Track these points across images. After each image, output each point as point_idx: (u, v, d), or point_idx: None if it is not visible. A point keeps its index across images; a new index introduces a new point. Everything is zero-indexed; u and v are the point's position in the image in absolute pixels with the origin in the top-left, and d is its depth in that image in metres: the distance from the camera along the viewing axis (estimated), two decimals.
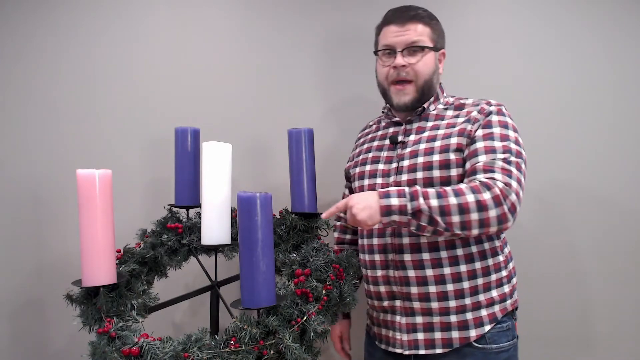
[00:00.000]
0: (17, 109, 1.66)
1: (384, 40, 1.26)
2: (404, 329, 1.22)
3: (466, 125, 1.19)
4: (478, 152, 1.15)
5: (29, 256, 1.65)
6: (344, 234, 1.51)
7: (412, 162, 1.21)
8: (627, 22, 1.62)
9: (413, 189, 1.09)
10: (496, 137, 1.16)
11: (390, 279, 1.22)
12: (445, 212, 1.07)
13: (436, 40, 1.26)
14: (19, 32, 1.66)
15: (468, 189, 1.08)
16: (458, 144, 1.18)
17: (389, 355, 1.27)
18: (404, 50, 1.23)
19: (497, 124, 1.18)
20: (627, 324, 1.62)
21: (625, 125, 1.62)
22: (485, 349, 1.19)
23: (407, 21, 1.23)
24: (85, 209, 1.09)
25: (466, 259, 1.19)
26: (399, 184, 1.22)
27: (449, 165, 1.18)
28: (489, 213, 1.06)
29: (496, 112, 1.20)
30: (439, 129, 1.23)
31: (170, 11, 1.70)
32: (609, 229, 1.62)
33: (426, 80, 1.25)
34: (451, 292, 1.18)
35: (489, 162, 1.12)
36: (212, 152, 1.22)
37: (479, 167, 1.12)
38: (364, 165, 1.32)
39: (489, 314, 1.20)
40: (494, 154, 1.13)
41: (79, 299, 1.17)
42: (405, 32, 1.23)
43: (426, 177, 1.19)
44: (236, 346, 1.00)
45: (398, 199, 1.08)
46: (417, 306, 1.20)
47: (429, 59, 1.25)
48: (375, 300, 1.28)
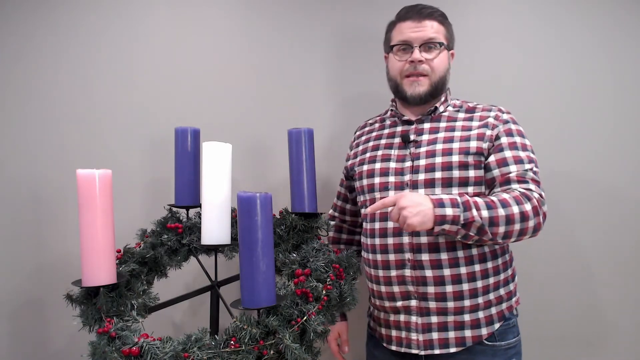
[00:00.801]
0: (17, 109, 1.66)
1: (400, 35, 1.28)
2: (420, 329, 1.22)
3: (484, 130, 1.23)
4: (507, 161, 1.19)
5: (29, 256, 1.65)
6: (340, 233, 1.51)
7: (430, 162, 1.22)
8: (627, 22, 1.62)
9: (464, 199, 1.12)
10: (520, 147, 1.21)
11: (406, 279, 1.22)
12: (494, 222, 1.11)
13: (449, 39, 1.30)
14: (19, 32, 1.66)
15: (512, 199, 1.12)
16: (478, 148, 1.21)
17: (397, 356, 1.27)
18: (421, 46, 1.25)
19: (515, 132, 1.23)
20: (628, 324, 1.62)
21: (626, 125, 1.62)
22: (495, 346, 1.21)
23: (424, 18, 1.26)
24: (85, 209, 1.09)
25: (480, 258, 1.20)
26: (415, 183, 1.23)
27: (468, 166, 1.20)
28: (528, 223, 1.13)
29: (512, 121, 1.25)
30: (454, 130, 1.25)
31: (170, 11, 1.70)
32: (609, 228, 1.62)
33: (441, 77, 1.28)
34: (466, 291, 1.19)
35: (521, 173, 1.18)
36: (212, 152, 1.22)
37: (513, 177, 1.17)
38: (372, 163, 1.31)
39: (497, 312, 1.22)
40: (522, 164, 1.19)
41: (79, 299, 1.17)
42: (422, 28, 1.25)
43: (445, 177, 1.21)
44: (236, 346, 1.00)
45: (452, 209, 1.10)
46: (433, 306, 1.21)
47: (444, 57, 1.28)
48: (387, 301, 1.27)
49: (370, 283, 1.31)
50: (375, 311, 1.34)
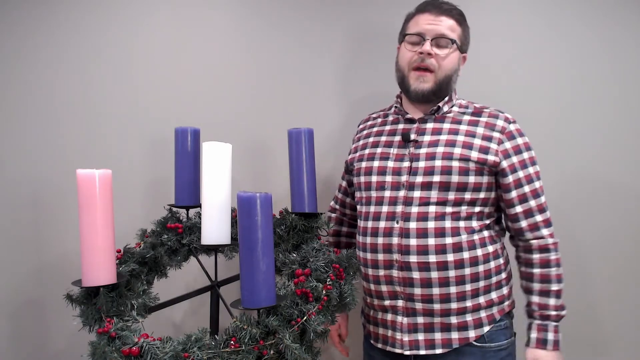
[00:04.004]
0: (17, 109, 1.66)
1: (415, 27, 1.27)
2: (405, 329, 1.22)
3: (489, 143, 1.22)
4: (522, 182, 1.23)
5: (29, 256, 1.65)
6: (341, 225, 1.51)
7: (429, 165, 1.21)
8: (627, 22, 1.62)
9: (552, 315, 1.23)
10: (533, 177, 1.25)
11: (393, 279, 1.22)
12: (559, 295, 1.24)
13: (463, 42, 1.29)
14: (19, 32, 1.66)
15: (554, 263, 1.25)
16: (479, 159, 1.21)
17: (387, 355, 1.27)
18: (433, 40, 1.24)
19: (524, 147, 1.25)
20: (628, 324, 1.62)
21: (626, 124, 1.62)
22: (484, 347, 1.20)
23: (441, 13, 1.25)
24: (85, 209, 1.09)
25: (471, 261, 1.19)
26: (412, 185, 1.22)
27: (468, 172, 1.20)
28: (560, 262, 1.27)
29: (519, 134, 1.26)
30: (458, 134, 1.24)
31: (170, 11, 1.70)
32: (609, 228, 1.62)
33: (447, 75, 1.26)
34: (454, 294, 1.19)
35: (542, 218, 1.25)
36: (212, 152, 1.22)
37: (540, 222, 1.24)
38: (371, 160, 1.31)
39: (487, 316, 1.21)
40: (539, 198, 1.24)
41: (79, 299, 1.17)
42: (438, 22, 1.24)
43: (443, 182, 1.20)
44: (236, 346, 1.00)
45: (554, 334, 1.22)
46: (420, 307, 1.20)
47: (454, 57, 1.26)
48: (376, 299, 1.28)
49: (362, 280, 1.31)
50: (366, 308, 1.35)
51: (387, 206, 1.24)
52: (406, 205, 1.22)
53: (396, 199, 1.24)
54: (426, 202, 1.20)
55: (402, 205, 1.22)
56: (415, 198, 1.21)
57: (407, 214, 1.21)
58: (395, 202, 1.24)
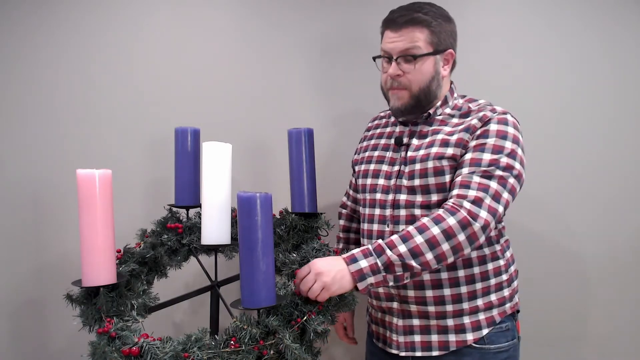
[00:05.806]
0: (17, 109, 1.66)
1: (383, 45, 1.24)
2: (401, 331, 1.22)
3: (464, 135, 1.16)
4: (464, 164, 1.13)
5: (29, 256, 1.65)
6: (351, 222, 1.50)
7: (411, 169, 1.21)
8: (628, 22, 1.62)
9: (376, 244, 1.06)
10: (487, 149, 1.12)
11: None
12: (416, 253, 1.04)
13: (437, 43, 1.19)
14: (19, 32, 1.66)
15: (430, 221, 1.06)
16: (453, 155, 1.16)
17: (387, 355, 1.27)
18: (398, 58, 1.19)
19: (494, 133, 1.14)
20: (628, 324, 1.62)
21: (626, 125, 1.62)
22: (483, 349, 1.19)
23: (401, 27, 1.18)
24: (85, 209, 1.09)
25: (464, 264, 1.18)
26: (399, 188, 1.22)
27: (443, 171, 1.16)
28: (458, 238, 1.05)
29: (497, 121, 1.15)
30: (439, 134, 1.20)
31: (170, 11, 1.70)
32: (609, 229, 1.62)
33: (421, 88, 1.20)
34: (448, 296, 1.18)
35: (467, 177, 1.10)
36: (212, 152, 1.22)
37: (457, 181, 1.11)
38: (368, 163, 1.32)
39: (486, 318, 1.20)
40: (477, 167, 1.10)
41: (79, 299, 1.17)
42: (399, 39, 1.18)
43: (422, 185, 1.19)
44: (236, 346, 1.00)
45: (365, 259, 1.05)
46: (414, 309, 1.20)
47: (427, 66, 1.19)
48: (374, 300, 1.30)
49: None
50: (369, 307, 1.37)
51: (379, 209, 1.26)
52: (395, 209, 1.23)
53: (386, 202, 1.25)
54: (412, 204, 1.20)
55: (391, 208, 1.23)
56: (402, 201, 1.22)
57: (396, 217, 1.22)
58: (385, 206, 1.25)
